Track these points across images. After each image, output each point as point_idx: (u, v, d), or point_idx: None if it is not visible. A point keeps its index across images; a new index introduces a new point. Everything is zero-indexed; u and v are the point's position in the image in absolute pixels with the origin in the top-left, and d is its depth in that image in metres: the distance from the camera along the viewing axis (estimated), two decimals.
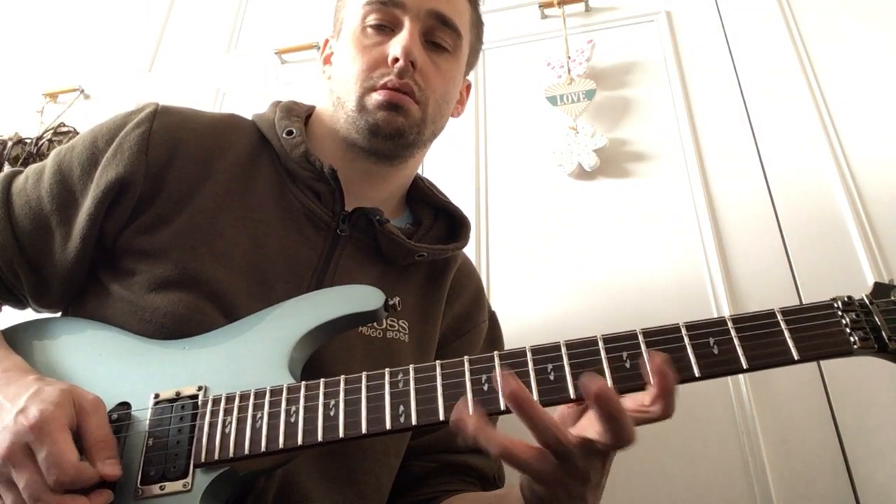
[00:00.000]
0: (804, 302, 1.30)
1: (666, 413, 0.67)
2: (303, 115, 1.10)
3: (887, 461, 1.15)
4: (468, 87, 1.22)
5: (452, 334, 1.13)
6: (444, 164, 1.72)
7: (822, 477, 1.17)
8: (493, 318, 1.23)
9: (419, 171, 1.18)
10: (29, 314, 1.00)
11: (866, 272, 1.32)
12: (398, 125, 1.00)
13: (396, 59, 0.99)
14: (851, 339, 0.70)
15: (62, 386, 0.76)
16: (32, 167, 1.01)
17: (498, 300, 1.45)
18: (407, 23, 1.01)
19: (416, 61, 1.00)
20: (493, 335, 1.21)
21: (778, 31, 1.67)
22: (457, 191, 1.63)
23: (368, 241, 1.04)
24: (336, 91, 1.05)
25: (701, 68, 1.68)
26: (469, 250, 1.51)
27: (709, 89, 1.64)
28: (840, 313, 0.72)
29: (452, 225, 1.16)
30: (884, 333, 0.70)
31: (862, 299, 0.73)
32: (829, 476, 1.17)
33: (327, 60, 1.14)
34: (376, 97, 0.99)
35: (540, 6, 1.87)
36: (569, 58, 1.73)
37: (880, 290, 0.74)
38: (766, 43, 1.67)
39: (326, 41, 1.16)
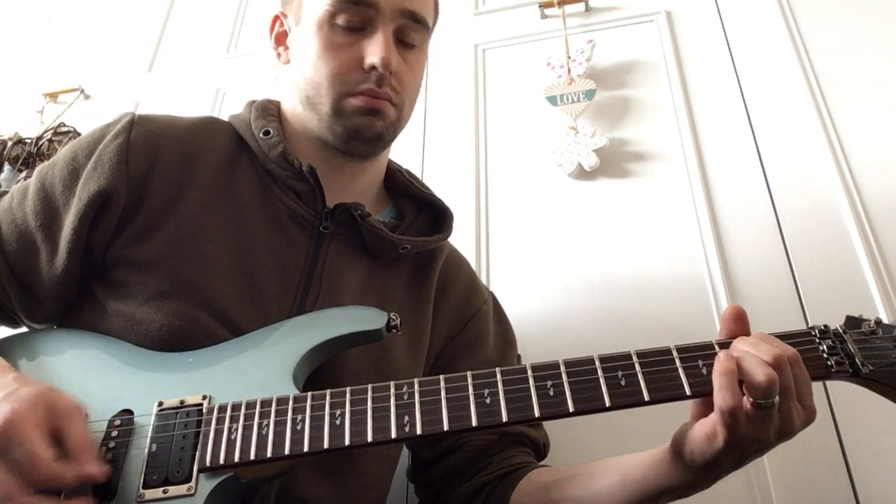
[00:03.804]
0: (804, 302, 1.32)
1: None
2: (277, 114, 1.09)
3: (888, 461, 1.16)
4: None
5: (458, 322, 1.14)
6: (444, 163, 1.72)
7: (822, 477, 1.17)
8: (493, 298, 1.24)
9: (416, 170, 1.17)
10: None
11: (866, 271, 1.33)
12: (377, 129, 1.00)
13: (374, 67, 0.97)
14: (828, 363, 0.76)
15: (39, 388, 0.74)
16: (17, 186, 1.01)
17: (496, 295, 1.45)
18: (380, 25, 0.99)
19: (394, 68, 0.98)
20: (499, 314, 1.22)
21: (778, 31, 1.67)
22: (457, 190, 1.64)
23: (353, 237, 1.04)
24: (302, 88, 1.02)
25: (701, 68, 1.68)
26: (469, 250, 1.51)
27: (709, 89, 1.64)
28: (818, 340, 0.78)
29: (436, 216, 1.16)
30: (857, 360, 0.76)
31: (836, 329, 0.80)
32: (829, 476, 1.17)
33: (281, 41, 1.11)
34: (354, 102, 0.98)
35: (540, 6, 1.87)
36: (569, 58, 1.73)
37: (852, 322, 0.80)
38: (766, 43, 1.67)
39: (277, 17, 1.12)
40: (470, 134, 1.76)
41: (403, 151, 1.13)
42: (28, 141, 2.03)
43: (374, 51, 0.97)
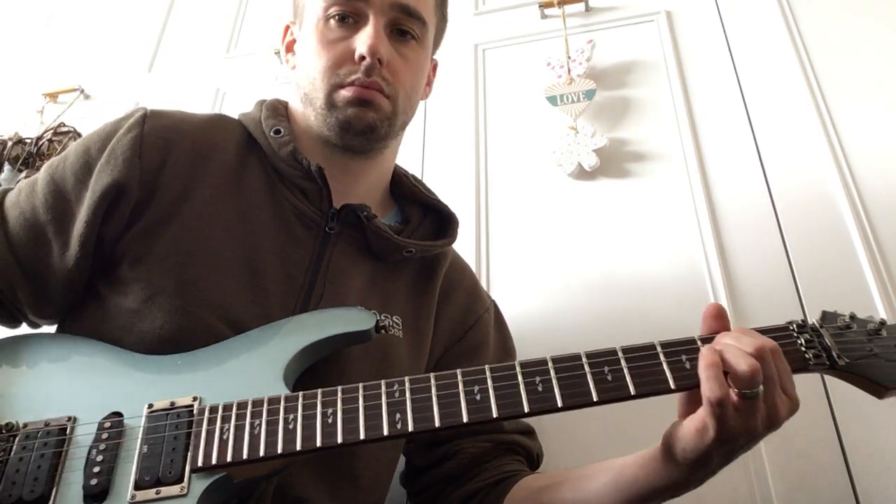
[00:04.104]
0: (803, 302, 1.31)
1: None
2: (286, 114, 1.10)
3: (888, 461, 1.15)
4: (434, 66, 1.20)
5: (459, 329, 1.14)
6: (444, 163, 1.72)
7: (822, 477, 1.17)
8: (495, 306, 1.24)
9: (416, 170, 1.17)
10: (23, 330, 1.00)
11: (866, 271, 1.32)
12: (369, 121, 1.00)
13: (363, 57, 0.98)
14: (806, 356, 0.79)
15: None
16: (24, 181, 1.01)
17: (497, 300, 1.45)
18: (371, 17, 1.00)
19: (383, 57, 0.99)
20: (499, 323, 1.23)
21: (778, 31, 1.67)
22: (457, 191, 1.63)
23: (358, 238, 1.04)
24: (302, 86, 1.04)
25: (701, 68, 1.68)
26: (468, 250, 1.51)
27: (709, 89, 1.64)
28: (795, 334, 0.81)
29: (441, 222, 1.17)
30: (834, 353, 0.79)
31: (813, 324, 0.83)
32: (829, 476, 1.17)
33: (290, 48, 1.12)
34: (345, 94, 0.99)
35: (540, 6, 1.87)
36: (569, 58, 1.73)
37: (828, 317, 0.84)
38: (766, 43, 1.67)
39: (287, 27, 1.14)
40: (470, 134, 1.75)
41: (403, 151, 1.13)
42: (28, 141, 2.03)
43: (363, 40, 0.99)
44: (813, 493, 1.16)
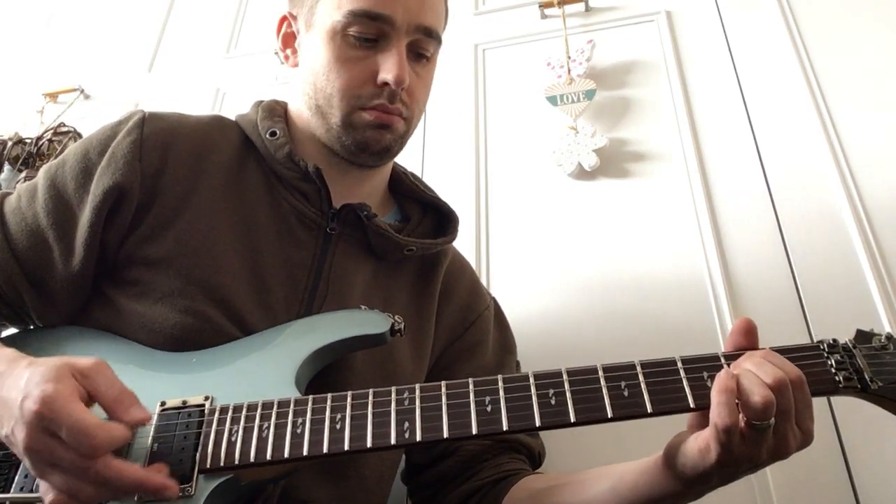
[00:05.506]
0: (803, 301, 1.32)
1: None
2: (284, 115, 1.09)
3: (888, 461, 1.16)
4: None
5: (460, 327, 1.14)
6: (444, 163, 1.72)
7: (822, 477, 1.17)
8: (495, 303, 1.24)
9: (416, 170, 1.16)
10: None
11: (866, 271, 1.33)
12: (386, 143, 1.00)
13: (386, 83, 0.96)
14: (836, 378, 0.75)
15: (55, 361, 0.73)
16: (23, 186, 1.00)
17: (497, 300, 1.45)
18: (395, 41, 0.97)
19: (406, 86, 0.98)
20: (500, 320, 1.23)
21: (778, 31, 1.67)
22: (457, 191, 1.64)
23: (359, 238, 1.05)
24: (311, 95, 1.02)
25: (701, 68, 1.68)
26: (469, 250, 1.51)
27: (709, 89, 1.64)
28: (826, 354, 0.77)
29: (441, 220, 1.16)
30: (866, 375, 0.75)
31: (846, 343, 0.78)
32: (829, 476, 1.17)
33: (289, 43, 1.09)
34: (366, 117, 0.98)
35: (540, 6, 1.87)
36: (569, 58, 1.73)
37: (862, 336, 0.78)
38: (766, 43, 1.67)
39: (285, 18, 1.09)
40: (470, 134, 1.75)
41: (403, 151, 1.13)
42: (28, 141, 2.03)
43: (389, 68, 0.96)
44: (813, 494, 1.16)
